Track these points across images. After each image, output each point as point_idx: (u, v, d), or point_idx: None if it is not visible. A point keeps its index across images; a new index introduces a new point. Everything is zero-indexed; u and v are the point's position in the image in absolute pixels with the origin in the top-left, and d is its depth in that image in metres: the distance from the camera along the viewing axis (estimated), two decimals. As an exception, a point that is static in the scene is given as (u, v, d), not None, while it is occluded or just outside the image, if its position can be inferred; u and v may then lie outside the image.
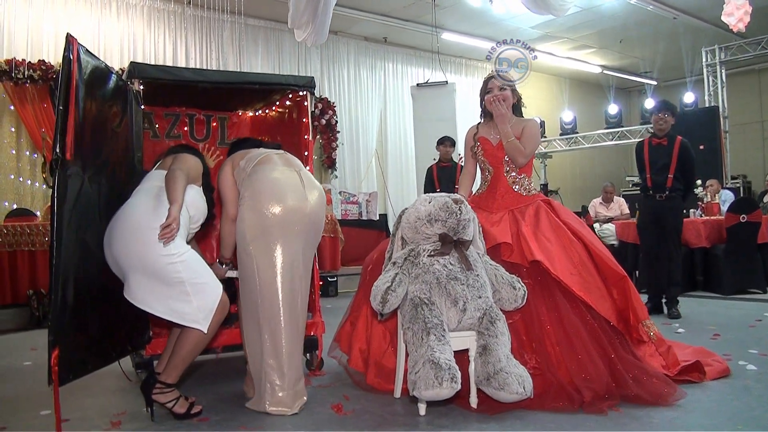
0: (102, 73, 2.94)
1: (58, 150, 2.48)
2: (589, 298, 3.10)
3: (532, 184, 3.63)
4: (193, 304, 2.78)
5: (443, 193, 3.08)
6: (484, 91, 3.67)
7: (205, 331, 2.81)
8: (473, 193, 3.78)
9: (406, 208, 3.17)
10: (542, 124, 13.24)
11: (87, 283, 2.74)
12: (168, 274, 2.76)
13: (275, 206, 2.99)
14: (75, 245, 2.64)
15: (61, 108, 2.50)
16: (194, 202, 3.03)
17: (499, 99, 3.56)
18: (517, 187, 3.57)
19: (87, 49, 2.73)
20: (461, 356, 2.84)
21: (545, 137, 13.31)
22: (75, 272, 2.62)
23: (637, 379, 2.93)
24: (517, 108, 3.68)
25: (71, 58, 2.56)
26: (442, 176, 7.90)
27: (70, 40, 2.59)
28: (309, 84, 3.92)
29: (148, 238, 2.73)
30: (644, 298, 4.35)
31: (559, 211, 3.49)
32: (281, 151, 3.30)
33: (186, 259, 2.81)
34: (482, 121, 3.77)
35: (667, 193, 5.50)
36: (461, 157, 8.75)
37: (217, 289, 2.88)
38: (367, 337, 3.48)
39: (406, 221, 3.10)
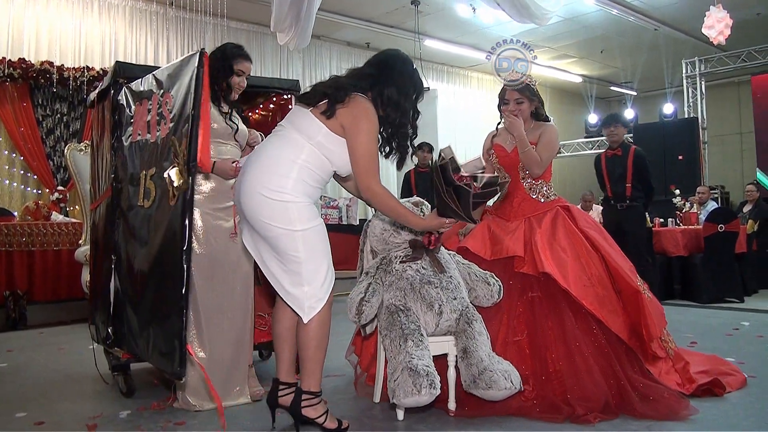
0: None
1: (192, 154, 2.52)
2: (600, 313, 2.98)
3: (551, 190, 3.50)
4: (303, 288, 2.52)
5: (403, 200, 3.01)
6: (501, 100, 3.53)
7: (305, 321, 2.53)
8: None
9: (370, 220, 3.12)
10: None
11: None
12: (284, 248, 2.50)
13: None
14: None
15: (193, 113, 2.54)
16: (341, 155, 2.76)
17: (514, 113, 3.44)
18: (534, 194, 3.45)
19: None
20: (439, 361, 2.83)
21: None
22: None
23: (645, 396, 2.84)
24: (537, 112, 3.53)
25: (202, 72, 2.58)
26: (419, 182, 7.92)
27: (204, 57, 2.61)
28: (294, 87, 3.92)
29: (261, 200, 2.50)
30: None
31: (577, 219, 3.36)
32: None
33: (310, 234, 2.53)
34: (500, 126, 3.62)
35: (627, 202, 5.64)
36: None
37: (330, 280, 2.60)
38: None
39: (372, 234, 3.07)
